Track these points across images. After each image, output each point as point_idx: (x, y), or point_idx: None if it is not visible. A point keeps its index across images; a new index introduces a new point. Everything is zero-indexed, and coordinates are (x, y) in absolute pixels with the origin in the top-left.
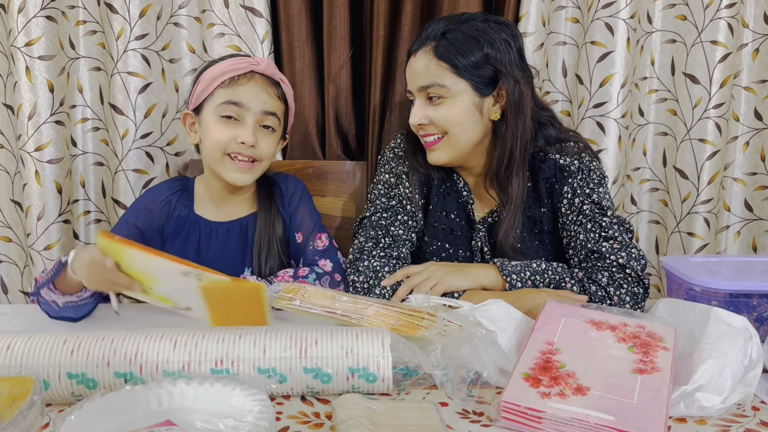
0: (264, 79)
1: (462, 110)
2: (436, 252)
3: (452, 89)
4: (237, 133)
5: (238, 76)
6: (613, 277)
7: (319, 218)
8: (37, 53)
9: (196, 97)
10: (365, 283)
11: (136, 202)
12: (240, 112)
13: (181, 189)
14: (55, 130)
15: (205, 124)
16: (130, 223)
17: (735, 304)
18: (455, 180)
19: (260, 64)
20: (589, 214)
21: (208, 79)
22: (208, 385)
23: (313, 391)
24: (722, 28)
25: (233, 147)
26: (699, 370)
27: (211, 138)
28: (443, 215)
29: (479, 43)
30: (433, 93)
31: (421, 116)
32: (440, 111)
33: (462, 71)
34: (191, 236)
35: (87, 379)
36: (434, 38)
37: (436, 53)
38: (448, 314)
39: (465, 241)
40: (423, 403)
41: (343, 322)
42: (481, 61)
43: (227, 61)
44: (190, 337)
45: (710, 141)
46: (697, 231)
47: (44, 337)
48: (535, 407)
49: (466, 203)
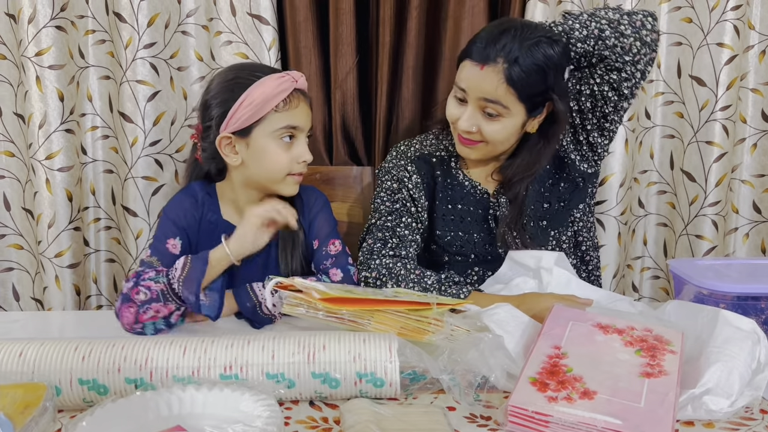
0: (301, 93)
1: (510, 128)
2: (451, 242)
3: (511, 111)
4: (296, 153)
5: (289, 97)
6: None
7: (335, 225)
8: (47, 63)
9: (243, 120)
10: (378, 279)
11: (172, 205)
12: (297, 133)
13: (207, 194)
14: (65, 138)
15: (258, 147)
16: (174, 223)
17: (743, 306)
18: (455, 175)
19: (299, 81)
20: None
21: (258, 102)
22: (217, 391)
23: (321, 396)
24: (728, 30)
25: (295, 167)
26: (707, 373)
27: (274, 163)
28: (450, 207)
29: (545, 75)
30: (492, 110)
31: (471, 124)
32: (492, 126)
33: (524, 98)
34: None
35: (98, 385)
36: (506, 60)
37: (508, 78)
38: (454, 319)
39: (477, 225)
40: (430, 407)
41: (350, 327)
42: (543, 90)
43: (270, 80)
44: (200, 343)
45: (717, 143)
46: (705, 233)
47: (56, 344)
48: (542, 411)
49: (472, 189)
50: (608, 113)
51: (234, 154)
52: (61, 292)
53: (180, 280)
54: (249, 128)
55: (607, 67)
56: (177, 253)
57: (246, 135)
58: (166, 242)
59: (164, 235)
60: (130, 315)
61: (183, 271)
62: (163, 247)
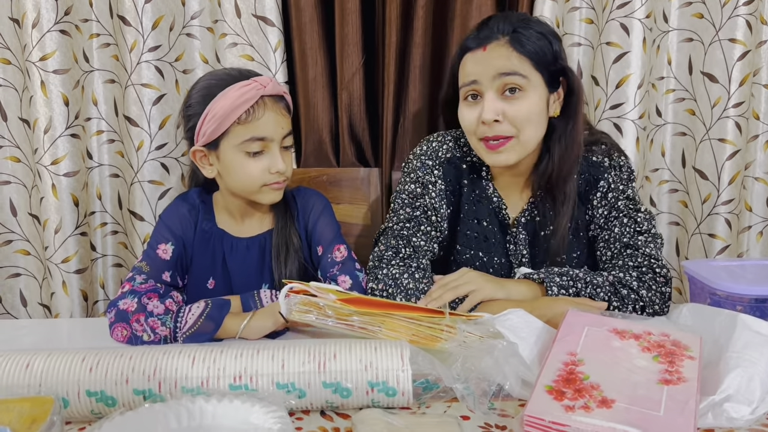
0: (272, 99)
1: (536, 105)
2: (470, 261)
3: (532, 81)
4: (268, 164)
5: (252, 107)
6: (643, 278)
7: (338, 229)
8: (51, 67)
9: (208, 134)
10: (384, 291)
11: (169, 211)
12: (265, 144)
13: (202, 202)
14: (70, 143)
15: (227, 161)
16: (169, 229)
17: (761, 309)
18: (485, 186)
19: (267, 86)
20: (624, 209)
21: (220, 116)
22: (227, 402)
23: (332, 406)
24: (740, 26)
25: (268, 178)
26: (726, 379)
27: (244, 176)
28: (475, 223)
29: (547, 40)
30: (512, 83)
31: (495, 110)
32: (516, 105)
33: (539, 64)
34: (217, 250)
35: (106, 397)
36: (505, 33)
37: (515, 46)
38: (467, 325)
39: (499, 248)
40: (444, 417)
41: (361, 335)
42: (552, 57)
43: (232, 91)
44: (209, 353)
45: (730, 140)
46: (718, 232)
47: (63, 355)
48: (559, 421)
49: (498, 209)
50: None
51: (209, 166)
52: (68, 297)
53: (185, 334)
54: (216, 141)
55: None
56: (167, 258)
57: (215, 148)
58: (157, 247)
59: (156, 240)
60: (122, 337)
61: (192, 327)
62: (153, 252)
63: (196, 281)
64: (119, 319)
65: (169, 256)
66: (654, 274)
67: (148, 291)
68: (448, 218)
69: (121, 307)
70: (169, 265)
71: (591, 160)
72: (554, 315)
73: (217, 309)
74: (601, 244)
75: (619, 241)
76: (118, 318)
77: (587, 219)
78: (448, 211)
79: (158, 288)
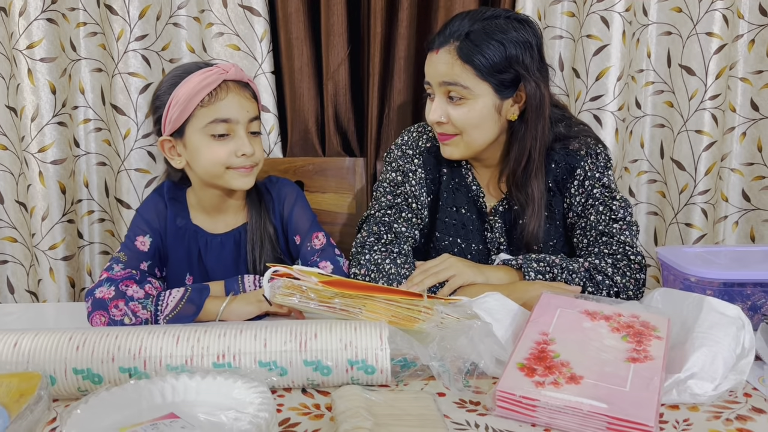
0: (236, 84)
1: (482, 112)
2: (448, 248)
3: (474, 91)
4: (234, 147)
5: (215, 90)
6: (617, 265)
7: (314, 218)
8: (38, 55)
9: (173, 121)
10: (366, 276)
11: (146, 205)
12: (230, 127)
13: (174, 198)
14: (57, 131)
15: (194, 146)
16: (147, 223)
17: (729, 293)
18: (464, 175)
19: (229, 71)
20: (600, 197)
21: (183, 100)
22: (210, 379)
23: (313, 384)
24: (717, 20)
25: (235, 161)
26: (692, 358)
27: (209, 158)
28: (453, 210)
29: (502, 46)
30: (454, 93)
31: (440, 114)
32: (460, 111)
33: (485, 74)
34: (192, 246)
35: (92, 375)
36: (458, 38)
37: (460, 54)
38: (445, 307)
39: (477, 235)
40: (420, 393)
41: (342, 316)
42: (504, 65)
43: (195, 76)
44: (193, 332)
45: (707, 132)
46: (695, 222)
47: (50, 334)
48: (529, 396)
49: (476, 197)
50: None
51: (178, 156)
52: (55, 284)
53: (166, 318)
54: (182, 128)
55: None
56: (145, 250)
57: (181, 135)
58: (135, 239)
59: (134, 233)
60: (101, 324)
61: (173, 310)
62: (131, 243)
63: (175, 277)
64: (97, 308)
65: (147, 247)
66: (628, 261)
67: (124, 278)
68: (428, 206)
69: (98, 296)
70: (147, 256)
71: (568, 149)
72: (530, 298)
73: (197, 293)
74: (578, 231)
75: (594, 229)
76: (95, 306)
77: (565, 207)
78: (428, 199)
79: (134, 275)
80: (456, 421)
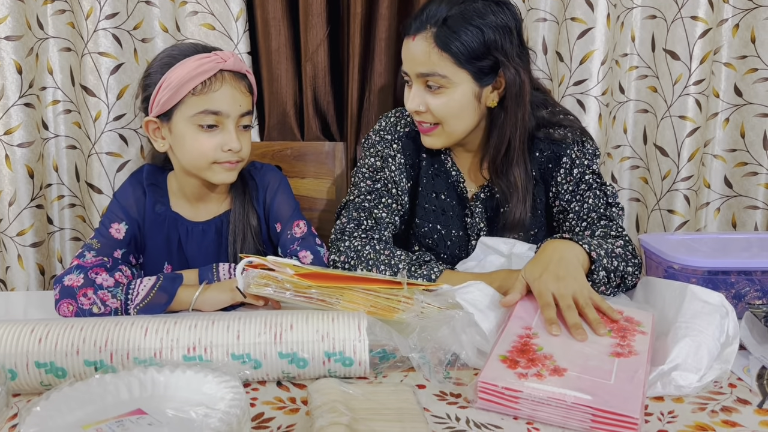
0: (233, 76)
1: (461, 101)
2: (428, 234)
3: (452, 79)
4: (221, 140)
5: (210, 79)
6: (627, 247)
7: (296, 206)
8: (3, 33)
9: (162, 104)
10: (346, 263)
11: (123, 190)
12: (219, 119)
13: (153, 184)
14: (24, 112)
15: (179, 133)
16: (123, 210)
17: (713, 281)
18: (443, 161)
19: (227, 60)
20: (593, 183)
21: (175, 85)
22: (179, 373)
23: (288, 377)
24: (702, 4)
25: (220, 155)
26: (675, 349)
27: (195, 149)
28: (433, 196)
29: (481, 32)
30: (432, 82)
31: (418, 103)
32: (439, 100)
33: (463, 62)
34: (172, 234)
35: (56, 368)
36: (435, 23)
37: (437, 42)
38: (425, 296)
39: (457, 221)
40: (399, 386)
41: (319, 306)
42: (482, 51)
43: (191, 61)
44: (162, 323)
45: (690, 118)
46: (677, 208)
47: (11, 326)
48: (512, 387)
49: (456, 182)
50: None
51: (161, 139)
52: (24, 271)
53: (137, 308)
54: (170, 112)
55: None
56: (120, 237)
57: (168, 119)
58: (110, 226)
59: (110, 219)
60: (69, 313)
61: (144, 300)
62: (106, 230)
63: (152, 265)
64: (65, 296)
65: (122, 235)
66: (630, 246)
67: (94, 266)
68: (408, 192)
69: (66, 283)
70: (121, 244)
71: (553, 137)
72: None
73: (169, 281)
74: (571, 215)
75: (594, 212)
76: (63, 294)
77: (551, 197)
78: (408, 185)
79: (105, 262)
80: (436, 414)
